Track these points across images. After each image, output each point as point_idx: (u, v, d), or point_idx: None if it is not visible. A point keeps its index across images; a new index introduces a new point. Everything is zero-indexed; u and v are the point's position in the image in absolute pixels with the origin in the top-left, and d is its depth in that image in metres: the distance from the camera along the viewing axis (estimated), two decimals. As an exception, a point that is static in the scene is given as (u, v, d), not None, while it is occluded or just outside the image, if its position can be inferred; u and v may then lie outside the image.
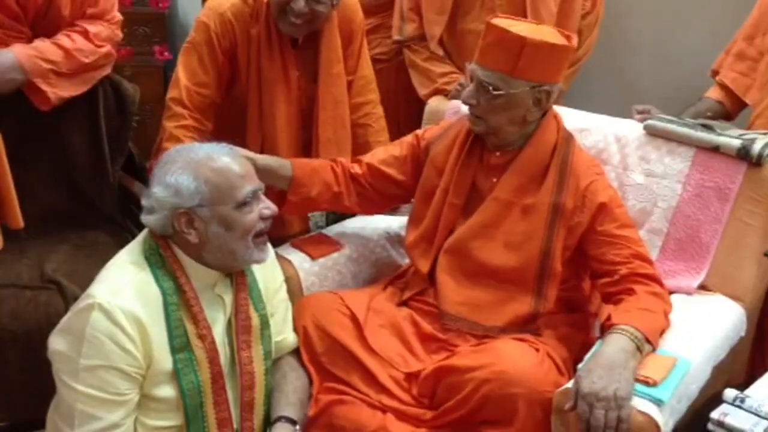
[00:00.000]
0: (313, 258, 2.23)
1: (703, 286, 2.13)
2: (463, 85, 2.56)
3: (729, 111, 2.52)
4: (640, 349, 1.76)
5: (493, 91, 1.95)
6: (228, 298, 1.80)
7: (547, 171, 2.02)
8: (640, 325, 1.79)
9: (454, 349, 1.96)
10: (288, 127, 2.41)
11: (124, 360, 1.63)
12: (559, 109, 2.14)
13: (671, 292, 2.03)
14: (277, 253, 2.05)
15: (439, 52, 2.82)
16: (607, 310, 1.92)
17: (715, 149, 2.14)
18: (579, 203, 2.00)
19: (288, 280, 2.06)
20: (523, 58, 1.91)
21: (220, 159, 1.73)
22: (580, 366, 1.76)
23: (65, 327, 1.68)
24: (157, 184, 1.72)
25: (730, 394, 1.76)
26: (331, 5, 2.29)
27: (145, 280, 1.70)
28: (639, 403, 1.68)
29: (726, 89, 2.52)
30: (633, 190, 2.22)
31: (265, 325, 1.84)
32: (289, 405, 1.85)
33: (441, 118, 2.46)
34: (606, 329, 1.83)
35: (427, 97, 2.71)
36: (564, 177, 2.01)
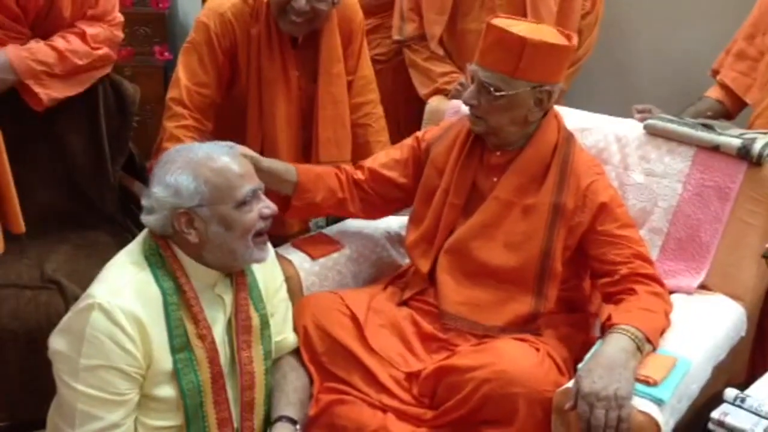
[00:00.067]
0: (313, 258, 2.23)
1: (703, 286, 2.12)
2: (463, 85, 2.56)
3: (729, 110, 2.52)
4: (640, 348, 1.76)
5: (495, 92, 1.95)
6: (228, 297, 1.80)
7: (548, 171, 2.02)
8: (640, 325, 1.79)
9: (455, 348, 1.96)
10: (288, 127, 2.41)
11: (124, 360, 1.63)
12: (559, 108, 2.14)
13: (671, 292, 2.03)
14: (277, 253, 2.05)
15: (440, 52, 2.81)
16: (607, 309, 1.92)
17: (715, 149, 2.14)
18: (580, 203, 1.99)
19: (288, 280, 2.06)
20: (524, 58, 1.91)
21: (220, 159, 1.73)
22: (580, 366, 1.76)
23: (65, 327, 1.68)
24: (156, 184, 1.72)
25: (731, 393, 1.76)
26: (332, 3, 2.28)
27: (145, 280, 1.70)
28: (639, 402, 1.68)
29: (726, 89, 2.52)
30: (633, 189, 2.22)
31: (265, 325, 1.84)
32: (289, 405, 1.85)
33: (441, 118, 2.46)
34: (606, 329, 1.83)
35: (427, 97, 2.71)
36: (565, 177, 2.01)
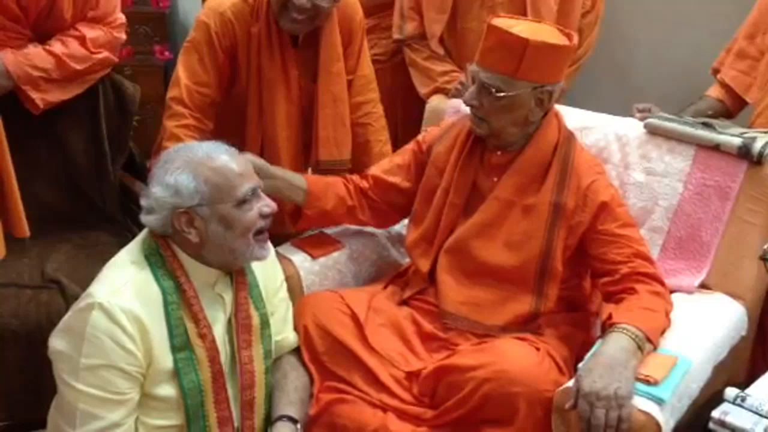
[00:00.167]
0: (313, 257, 2.22)
1: (703, 285, 2.12)
2: (463, 84, 2.56)
3: (730, 109, 2.52)
4: (641, 348, 1.76)
5: (496, 93, 1.94)
6: (228, 297, 1.80)
7: (548, 170, 2.02)
8: (641, 324, 1.79)
9: (455, 348, 1.96)
10: (288, 126, 2.40)
11: (124, 359, 1.63)
12: (559, 107, 2.14)
13: (672, 291, 2.02)
14: (277, 252, 2.05)
15: (440, 51, 2.81)
16: (608, 309, 1.91)
17: (715, 148, 2.14)
18: (580, 202, 1.99)
19: (288, 280, 2.06)
20: (526, 59, 1.90)
21: (219, 158, 1.73)
22: (580, 365, 1.76)
23: (66, 326, 1.68)
24: (156, 184, 1.72)
25: (731, 392, 1.76)
26: (333, 1, 2.28)
27: (145, 280, 1.70)
28: (640, 402, 1.68)
29: (727, 88, 2.52)
30: (634, 188, 2.22)
31: (265, 324, 1.84)
32: (290, 404, 1.85)
33: (441, 117, 2.46)
34: (607, 328, 1.83)
35: (427, 96, 2.71)
36: (565, 176, 2.01)
